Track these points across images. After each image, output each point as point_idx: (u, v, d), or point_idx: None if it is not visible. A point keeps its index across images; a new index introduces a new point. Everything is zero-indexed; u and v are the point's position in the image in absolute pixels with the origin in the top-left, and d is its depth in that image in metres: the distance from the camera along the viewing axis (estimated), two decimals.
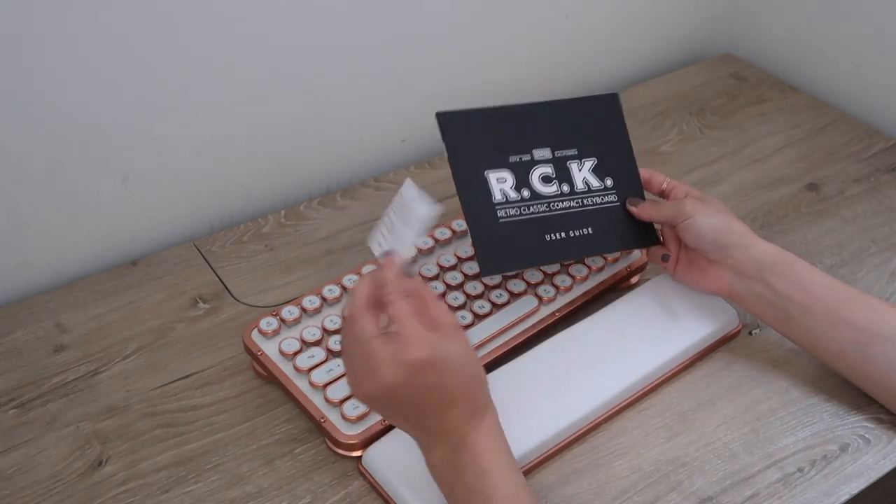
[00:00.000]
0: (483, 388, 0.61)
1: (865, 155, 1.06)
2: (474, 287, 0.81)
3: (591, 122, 0.82)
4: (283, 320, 0.78)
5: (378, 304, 0.59)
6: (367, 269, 0.83)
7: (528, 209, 0.77)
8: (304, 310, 0.79)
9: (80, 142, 0.83)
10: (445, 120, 0.77)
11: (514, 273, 0.81)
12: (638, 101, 1.15)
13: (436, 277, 0.82)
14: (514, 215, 0.76)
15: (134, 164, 0.87)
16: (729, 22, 1.26)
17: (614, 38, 1.17)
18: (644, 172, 0.82)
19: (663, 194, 0.81)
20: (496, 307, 0.80)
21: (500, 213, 0.76)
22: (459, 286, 0.81)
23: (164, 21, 0.81)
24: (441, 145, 0.77)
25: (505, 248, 0.76)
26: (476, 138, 0.77)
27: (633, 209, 0.79)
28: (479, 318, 0.79)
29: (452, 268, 0.83)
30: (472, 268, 0.83)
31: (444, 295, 0.80)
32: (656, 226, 0.81)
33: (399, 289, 0.59)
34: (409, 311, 0.58)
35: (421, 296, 0.59)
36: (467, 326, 0.78)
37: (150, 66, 0.82)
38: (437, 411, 0.58)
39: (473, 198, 0.76)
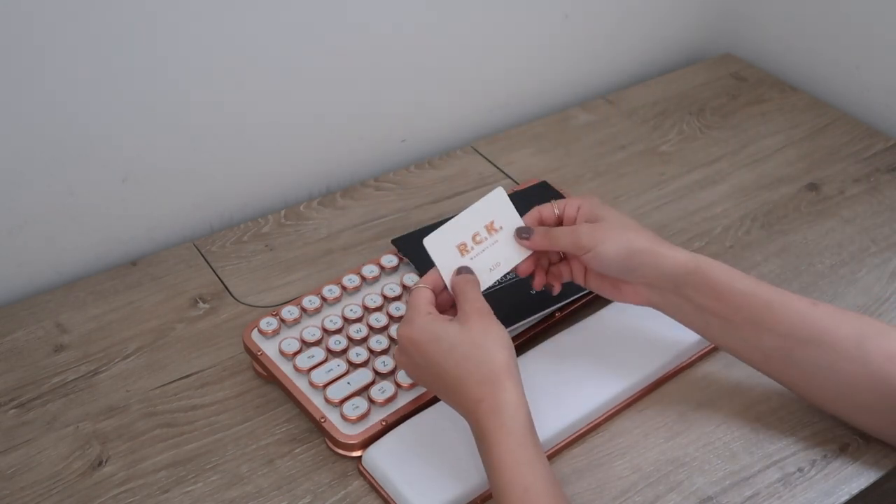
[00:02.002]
0: (489, 373, 0.62)
1: (865, 155, 1.06)
2: None
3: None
4: (283, 320, 0.78)
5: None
6: (367, 268, 0.83)
7: (504, 278, 0.81)
8: (304, 310, 0.79)
9: (80, 142, 0.83)
10: (402, 243, 0.87)
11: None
12: (638, 101, 1.15)
13: None
14: (494, 286, 0.78)
15: (134, 164, 0.87)
16: (729, 22, 1.26)
17: (614, 38, 1.17)
18: (531, 214, 0.74)
19: (561, 221, 0.73)
20: None
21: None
22: None
23: (164, 21, 0.81)
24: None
25: (497, 309, 0.77)
26: None
27: (524, 243, 0.72)
28: None
29: None
30: None
31: None
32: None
33: (429, 281, 0.69)
34: (419, 298, 0.67)
35: (456, 289, 0.68)
36: None
37: (150, 67, 0.82)
38: (449, 389, 0.64)
39: None
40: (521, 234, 0.72)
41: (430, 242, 0.70)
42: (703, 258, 0.70)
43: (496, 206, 0.72)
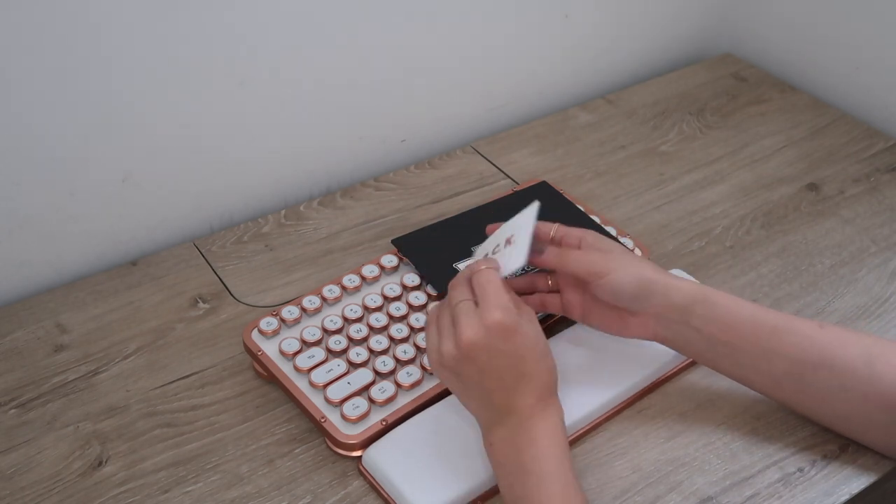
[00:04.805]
0: (553, 380, 0.65)
1: (865, 155, 1.06)
2: None
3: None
4: (283, 320, 0.78)
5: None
6: (367, 268, 0.83)
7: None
8: (304, 310, 0.79)
9: (80, 142, 0.83)
10: (402, 243, 0.86)
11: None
12: (638, 101, 1.15)
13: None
14: None
15: (134, 164, 0.87)
16: (729, 22, 1.26)
17: (614, 38, 1.17)
18: None
19: (553, 243, 0.73)
20: None
21: None
22: None
23: (165, 21, 0.81)
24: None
25: None
26: (435, 247, 0.84)
27: (536, 258, 0.71)
28: None
29: None
30: None
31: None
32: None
33: (493, 265, 0.66)
34: (496, 281, 0.64)
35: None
36: None
37: (151, 66, 0.82)
38: (510, 385, 0.62)
39: None
40: (535, 247, 0.70)
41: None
42: (709, 288, 0.70)
43: (522, 222, 0.71)
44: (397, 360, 0.75)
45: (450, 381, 0.65)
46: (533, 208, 0.69)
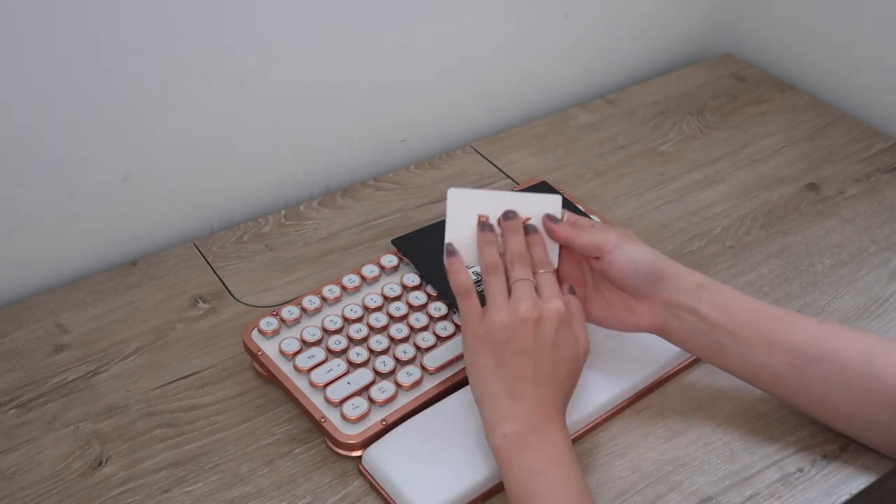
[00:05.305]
0: (567, 399, 0.66)
1: (865, 155, 1.06)
2: None
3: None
4: (283, 320, 0.78)
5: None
6: (367, 268, 0.83)
7: None
8: (304, 310, 0.79)
9: (80, 142, 0.83)
10: (402, 243, 0.86)
11: None
12: (638, 101, 1.15)
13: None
14: None
15: (134, 164, 0.87)
16: (729, 22, 1.26)
17: (614, 38, 1.17)
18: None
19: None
20: None
21: None
22: None
23: (165, 21, 0.81)
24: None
25: None
26: (435, 247, 0.81)
27: (548, 224, 0.71)
28: None
29: None
30: None
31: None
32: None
33: (540, 261, 0.68)
34: (556, 282, 0.67)
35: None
36: None
37: (151, 66, 0.82)
38: (542, 378, 0.63)
39: None
40: (550, 218, 0.72)
41: (454, 194, 0.70)
42: (710, 278, 0.71)
43: (542, 208, 0.71)
44: (397, 360, 0.75)
45: (481, 354, 0.64)
46: (558, 199, 0.71)
